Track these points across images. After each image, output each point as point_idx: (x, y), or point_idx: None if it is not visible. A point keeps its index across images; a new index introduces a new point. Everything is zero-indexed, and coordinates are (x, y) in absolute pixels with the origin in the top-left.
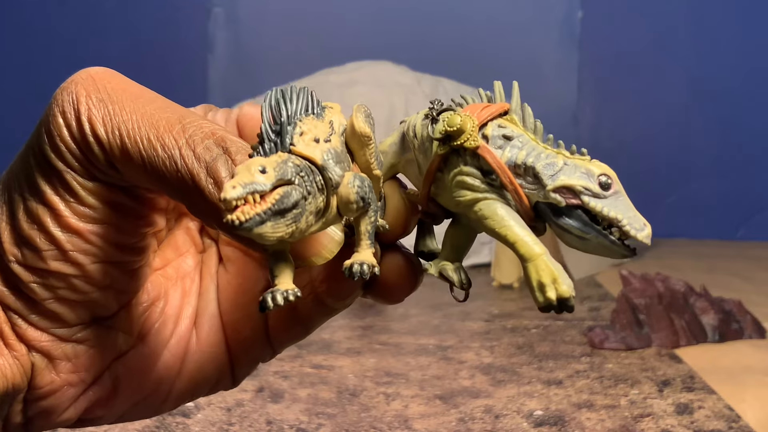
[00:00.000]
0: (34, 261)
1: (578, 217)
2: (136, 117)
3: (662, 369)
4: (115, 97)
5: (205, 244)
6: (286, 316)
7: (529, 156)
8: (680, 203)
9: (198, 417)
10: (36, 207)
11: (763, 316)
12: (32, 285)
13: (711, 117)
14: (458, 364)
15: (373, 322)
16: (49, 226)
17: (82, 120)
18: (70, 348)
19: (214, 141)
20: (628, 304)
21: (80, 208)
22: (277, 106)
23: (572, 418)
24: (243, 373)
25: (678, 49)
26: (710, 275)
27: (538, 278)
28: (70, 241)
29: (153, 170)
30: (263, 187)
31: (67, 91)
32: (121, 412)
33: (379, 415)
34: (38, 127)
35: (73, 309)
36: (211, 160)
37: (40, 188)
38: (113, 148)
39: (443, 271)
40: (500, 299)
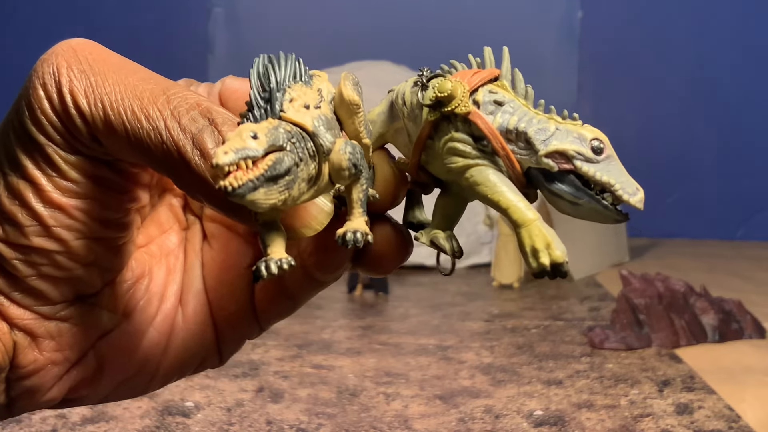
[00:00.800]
0: (16, 237)
1: (571, 182)
2: (119, 88)
3: (662, 369)
4: (96, 69)
5: (189, 220)
6: (274, 290)
7: (520, 121)
8: (680, 203)
9: (198, 417)
10: (17, 182)
11: (763, 316)
12: (14, 262)
13: (711, 117)
14: (458, 364)
15: (373, 322)
16: (31, 202)
17: (64, 92)
18: (54, 326)
19: (200, 112)
20: (628, 304)
21: (63, 183)
22: (265, 72)
23: (572, 418)
24: (230, 350)
25: (678, 49)
26: (710, 275)
27: (531, 244)
28: (53, 217)
29: (137, 142)
30: (255, 153)
31: (47, 63)
32: (106, 391)
33: (379, 415)
34: (17, 100)
35: (57, 286)
36: (197, 131)
37: (21, 163)
38: (96, 121)
39: (434, 240)
40: (500, 299)
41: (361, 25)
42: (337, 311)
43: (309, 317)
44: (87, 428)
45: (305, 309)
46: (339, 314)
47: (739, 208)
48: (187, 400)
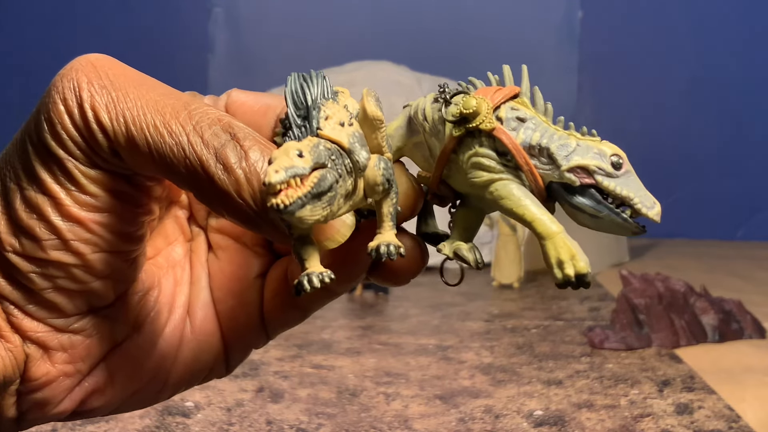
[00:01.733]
0: (34, 251)
1: (591, 196)
2: (140, 103)
3: (662, 369)
4: (117, 84)
5: (194, 232)
6: (284, 301)
7: (543, 137)
8: (680, 203)
9: (198, 417)
10: (35, 196)
11: (763, 316)
12: (30, 275)
13: (711, 117)
14: (458, 364)
15: (373, 322)
16: (50, 216)
17: (85, 107)
18: (66, 338)
19: (221, 127)
20: (628, 304)
21: (82, 197)
22: (301, 90)
23: (572, 418)
24: (237, 360)
25: (678, 50)
26: (710, 275)
27: (557, 255)
28: (72, 231)
29: (160, 157)
30: (303, 171)
31: (68, 78)
32: (117, 403)
33: (379, 415)
34: (35, 114)
35: (71, 299)
36: (219, 146)
37: (39, 177)
38: (118, 136)
39: (458, 251)
40: (500, 299)
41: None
42: (337, 311)
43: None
44: (87, 428)
45: None
46: (339, 314)
47: (739, 208)
48: (187, 400)
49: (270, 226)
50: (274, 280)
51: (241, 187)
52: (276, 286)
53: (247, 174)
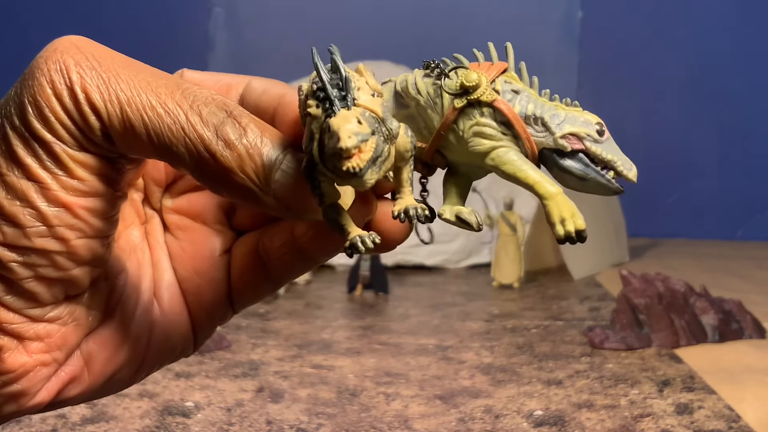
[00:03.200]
0: (17, 239)
1: (580, 160)
2: (133, 84)
3: (662, 369)
4: (105, 65)
5: (148, 214)
6: (255, 276)
7: (536, 108)
8: (680, 203)
9: (198, 417)
10: (18, 182)
11: (763, 316)
12: (11, 264)
13: (711, 117)
14: (458, 364)
15: (373, 322)
16: (35, 201)
17: (76, 89)
18: (42, 327)
19: (216, 105)
20: (628, 304)
21: (69, 181)
22: (333, 62)
23: (572, 418)
24: (204, 337)
25: (678, 49)
26: (710, 275)
27: (560, 213)
28: (58, 216)
29: (158, 138)
30: (367, 137)
31: (53, 60)
32: (93, 390)
33: (379, 415)
34: (14, 98)
35: (50, 288)
36: (219, 123)
37: (23, 162)
38: (112, 118)
39: (460, 215)
40: (500, 299)
41: (361, 25)
42: (337, 311)
43: (309, 317)
44: (87, 428)
45: (305, 309)
46: (339, 314)
47: (739, 208)
48: (187, 400)
49: (273, 199)
50: (241, 256)
51: (243, 162)
52: (244, 262)
53: (248, 149)
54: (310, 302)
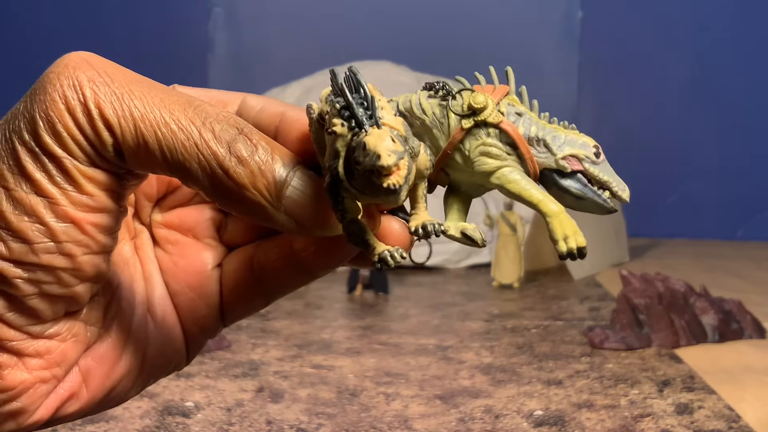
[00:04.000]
0: (23, 255)
1: (578, 180)
2: (147, 100)
3: (662, 369)
4: (118, 81)
5: (137, 229)
6: (249, 290)
7: (539, 130)
8: (680, 203)
9: (198, 417)
10: (27, 197)
11: (763, 316)
12: (16, 281)
13: (711, 117)
14: (458, 364)
15: (373, 322)
16: (44, 217)
17: (89, 105)
18: (42, 344)
19: (228, 123)
20: (628, 304)
21: (78, 197)
22: (356, 80)
23: (572, 418)
24: (195, 351)
25: (678, 50)
26: (710, 275)
27: (562, 230)
28: (66, 232)
29: (171, 154)
30: (403, 155)
31: (65, 75)
32: (91, 406)
33: (379, 415)
34: (25, 113)
35: (53, 304)
36: (231, 140)
37: (32, 177)
38: (125, 134)
39: (465, 231)
40: (500, 299)
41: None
42: (337, 311)
43: (309, 317)
44: (87, 428)
45: (305, 309)
46: (339, 314)
47: (739, 208)
48: (187, 400)
49: (284, 216)
50: (234, 270)
51: (256, 178)
52: (237, 276)
53: (260, 166)
54: (310, 302)
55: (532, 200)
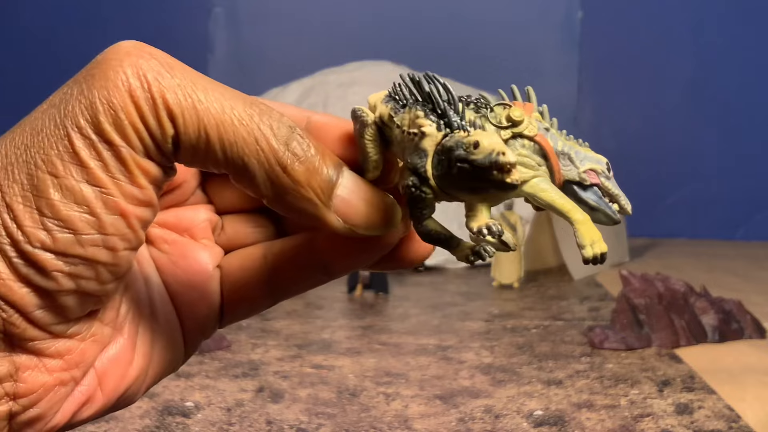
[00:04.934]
0: (68, 246)
1: (594, 192)
2: (209, 93)
3: (662, 369)
4: (180, 73)
5: None
6: (252, 290)
7: (564, 145)
8: (680, 203)
9: (198, 417)
10: (77, 185)
11: (763, 316)
12: (56, 274)
13: (711, 117)
14: (458, 364)
15: (373, 322)
16: (95, 208)
17: (154, 95)
18: (63, 344)
19: (281, 120)
20: (628, 304)
21: (130, 188)
22: (443, 85)
23: (572, 418)
24: (192, 351)
25: (678, 50)
26: (710, 275)
27: (590, 236)
28: (114, 225)
29: (231, 148)
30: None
31: (128, 63)
32: (105, 410)
33: (379, 415)
34: (80, 98)
35: (84, 302)
36: (287, 137)
37: (86, 165)
38: (188, 126)
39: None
40: (500, 299)
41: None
42: (337, 311)
43: (309, 317)
44: (87, 428)
45: (305, 309)
46: (339, 314)
47: (739, 208)
48: (187, 400)
49: (334, 215)
50: (238, 271)
51: (311, 176)
52: (241, 277)
53: (315, 164)
54: (310, 302)
55: (563, 209)
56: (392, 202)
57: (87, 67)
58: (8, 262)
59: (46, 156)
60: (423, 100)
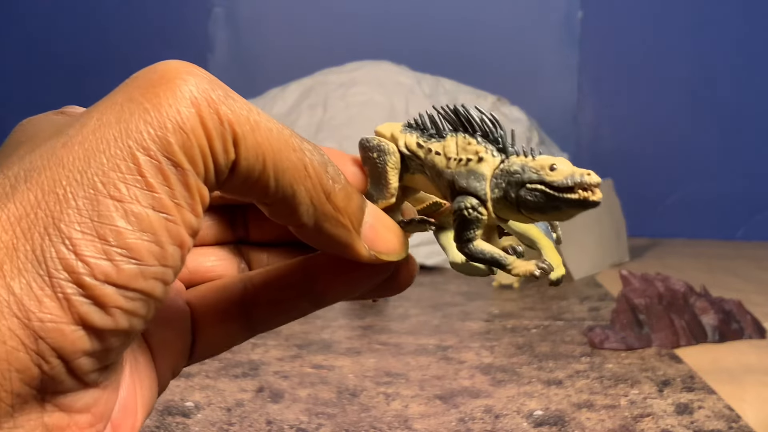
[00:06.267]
0: (132, 279)
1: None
2: (264, 119)
3: (662, 369)
4: (239, 99)
5: None
6: (229, 325)
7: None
8: (680, 203)
9: (198, 417)
10: (144, 212)
11: (763, 316)
12: (115, 310)
13: (711, 117)
14: (458, 364)
15: (373, 322)
16: (161, 236)
17: (222, 117)
18: (90, 396)
19: (314, 146)
20: (628, 304)
21: (189, 216)
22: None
23: (572, 418)
24: (161, 392)
25: (678, 50)
26: (710, 275)
27: (557, 260)
28: (173, 256)
29: (284, 175)
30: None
31: (193, 84)
32: None
33: (379, 415)
34: (146, 117)
35: (124, 343)
36: (325, 163)
37: (152, 190)
38: (249, 151)
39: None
40: (500, 299)
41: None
42: (337, 311)
43: (309, 317)
44: None
45: None
46: (339, 314)
47: (739, 208)
48: (187, 400)
49: (361, 242)
50: (210, 306)
51: (348, 203)
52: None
53: (350, 191)
54: None
55: (535, 234)
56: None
57: (140, 85)
58: (64, 300)
59: (107, 179)
60: (464, 128)
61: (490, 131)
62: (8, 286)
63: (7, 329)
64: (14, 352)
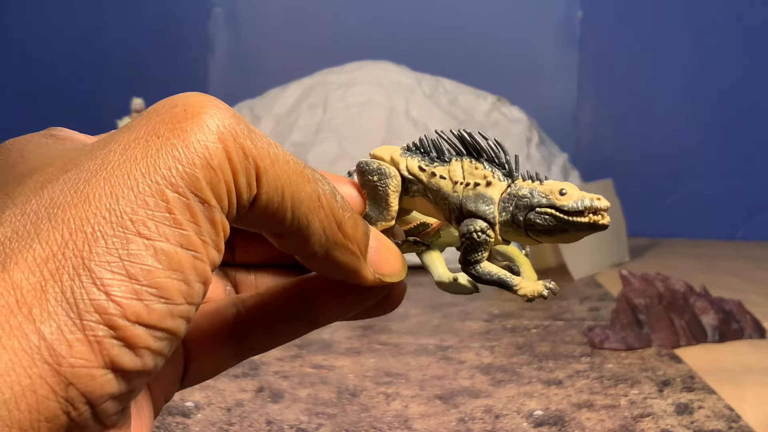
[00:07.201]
0: (161, 319)
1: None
2: (279, 152)
3: (662, 369)
4: (256, 131)
5: None
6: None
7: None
8: (680, 203)
9: (198, 417)
10: (173, 250)
11: (763, 316)
12: (144, 351)
13: (711, 117)
14: (458, 364)
15: (373, 322)
16: (188, 275)
17: (246, 152)
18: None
19: (319, 174)
20: (628, 304)
21: (213, 253)
22: (497, 143)
23: (572, 418)
24: (155, 417)
25: (678, 50)
26: (710, 275)
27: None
28: (198, 294)
29: (299, 206)
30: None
31: (218, 118)
32: None
33: (379, 415)
34: (174, 152)
35: (144, 383)
36: (333, 191)
37: (181, 227)
38: (269, 183)
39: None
40: (500, 299)
41: (361, 25)
42: None
43: None
44: None
45: None
46: None
47: (739, 208)
48: (187, 400)
49: (368, 266)
50: (203, 330)
51: (355, 230)
52: (209, 336)
53: (356, 218)
54: None
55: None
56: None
57: (164, 119)
58: (96, 343)
59: (136, 216)
60: (468, 152)
61: (497, 156)
62: (39, 331)
63: (38, 377)
64: (45, 401)
